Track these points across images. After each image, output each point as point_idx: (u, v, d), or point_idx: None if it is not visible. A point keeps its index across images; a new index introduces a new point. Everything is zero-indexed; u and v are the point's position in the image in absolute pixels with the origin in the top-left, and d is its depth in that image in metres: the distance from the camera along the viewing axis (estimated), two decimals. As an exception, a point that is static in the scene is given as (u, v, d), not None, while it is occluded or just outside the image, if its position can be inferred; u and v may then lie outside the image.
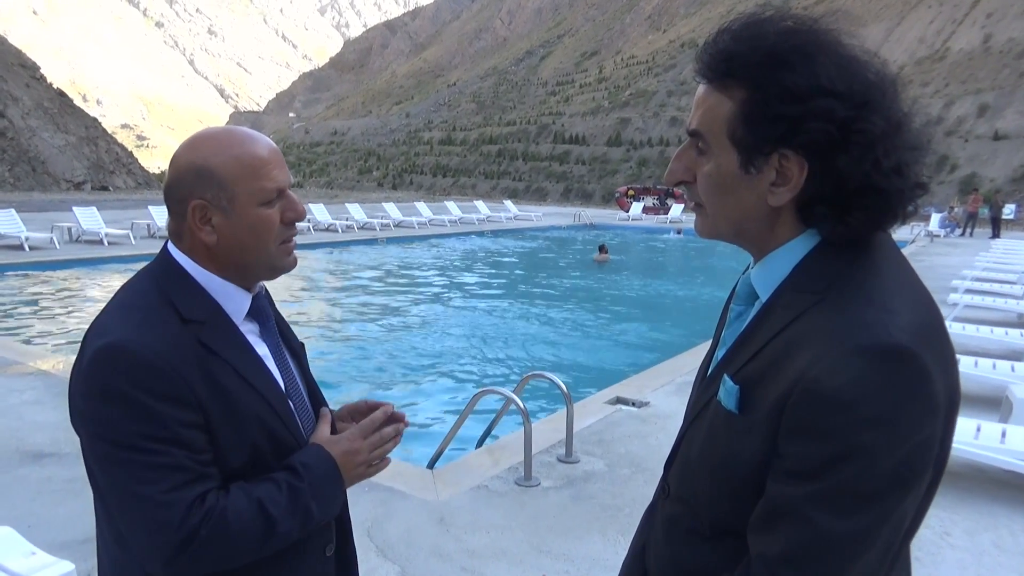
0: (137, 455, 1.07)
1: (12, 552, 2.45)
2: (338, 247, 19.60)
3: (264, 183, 1.17)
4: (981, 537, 3.66)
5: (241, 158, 1.16)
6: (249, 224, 1.18)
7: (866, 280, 0.90)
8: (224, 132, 1.21)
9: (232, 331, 1.21)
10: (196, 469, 1.10)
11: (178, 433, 1.08)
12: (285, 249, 1.24)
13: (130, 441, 1.07)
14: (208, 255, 1.21)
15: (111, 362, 1.08)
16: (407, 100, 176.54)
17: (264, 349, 1.27)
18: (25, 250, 14.79)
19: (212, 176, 1.16)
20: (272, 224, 1.20)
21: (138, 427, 1.07)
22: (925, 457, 0.84)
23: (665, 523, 1.10)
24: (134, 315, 1.15)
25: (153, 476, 1.07)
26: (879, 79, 0.90)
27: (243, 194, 1.16)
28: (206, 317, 1.18)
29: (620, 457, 4.58)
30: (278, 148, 1.24)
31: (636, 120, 79.05)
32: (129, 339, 1.10)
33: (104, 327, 1.13)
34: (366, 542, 3.42)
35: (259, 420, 1.18)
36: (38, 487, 3.92)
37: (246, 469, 1.17)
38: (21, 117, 40.93)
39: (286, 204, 1.22)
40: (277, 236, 1.21)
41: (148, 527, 1.07)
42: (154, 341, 1.11)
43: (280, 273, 1.28)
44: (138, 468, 1.07)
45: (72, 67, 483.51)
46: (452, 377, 8.16)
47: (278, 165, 1.20)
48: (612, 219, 33.09)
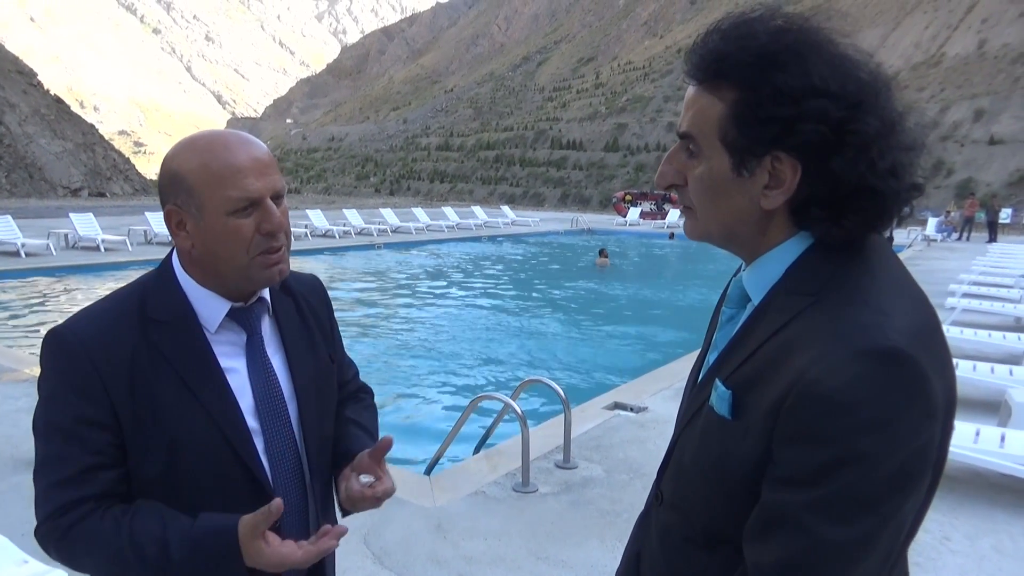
0: (40, 441, 1.12)
1: (5, 561, 2.44)
2: (335, 253, 19.58)
3: (230, 192, 1.11)
4: (981, 542, 3.65)
5: (210, 165, 1.11)
6: (218, 233, 1.14)
7: (861, 282, 0.89)
8: (207, 137, 1.16)
9: (194, 337, 1.17)
10: (80, 468, 1.09)
11: (74, 428, 1.09)
12: (263, 261, 1.17)
13: (38, 425, 1.13)
14: (189, 259, 1.20)
15: (45, 346, 1.14)
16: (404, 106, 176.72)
17: (238, 362, 1.21)
18: (21, 257, 14.77)
19: (183, 182, 1.14)
20: (242, 234, 1.14)
21: (47, 413, 1.12)
22: (924, 461, 0.82)
23: (659, 531, 1.09)
24: (98, 306, 1.18)
25: (46, 468, 1.11)
26: (872, 79, 0.89)
27: (210, 202, 1.12)
28: (170, 318, 1.16)
29: (618, 463, 4.56)
30: (267, 154, 1.16)
31: (633, 126, 79.13)
32: (67, 326, 1.14)
33: (73, 314, 1.18)
34: (363, 549, 3.40)
35: (192, 432, 1.13)
36: (32, 495, 3.90)
37: (165, 479, 1.13)
38: (18, 123, 40.92)
39: (262, 215, 1.14)
40: (253, 247, 1.15)
41: (35, 509, 1.13)
42: (88, 330, 1.13)
43: (259, 286, 1.22)
44: (40, 455, 1.12)
45: (69, 73, 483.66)
46: (449, 383, 8.14)
47: (256, 173, 1.13)
48: (610, 224, 33.12)
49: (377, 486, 1.27)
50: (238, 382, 1.20)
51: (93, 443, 1.09)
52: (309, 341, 1.34)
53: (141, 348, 1.13)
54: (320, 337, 1.38)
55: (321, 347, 1.37)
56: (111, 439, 1.10)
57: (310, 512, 1.32)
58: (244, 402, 1.20)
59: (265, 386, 1.23)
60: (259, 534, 1.06)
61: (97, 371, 1.09)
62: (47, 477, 1.10)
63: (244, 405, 1.19)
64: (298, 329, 1.33)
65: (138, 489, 1.14)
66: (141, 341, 1.13)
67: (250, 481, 1.19)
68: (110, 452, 1.10)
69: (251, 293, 1.24)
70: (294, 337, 1.31)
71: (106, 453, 1.10)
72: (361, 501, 1.27)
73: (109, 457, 1.10)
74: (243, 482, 1.18)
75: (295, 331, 1.32)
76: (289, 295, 1.34)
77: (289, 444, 1.26)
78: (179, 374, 1.13)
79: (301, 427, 1.28)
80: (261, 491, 1.19)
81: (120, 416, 1.10)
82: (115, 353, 1.11)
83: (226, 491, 1.17)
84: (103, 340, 1.11)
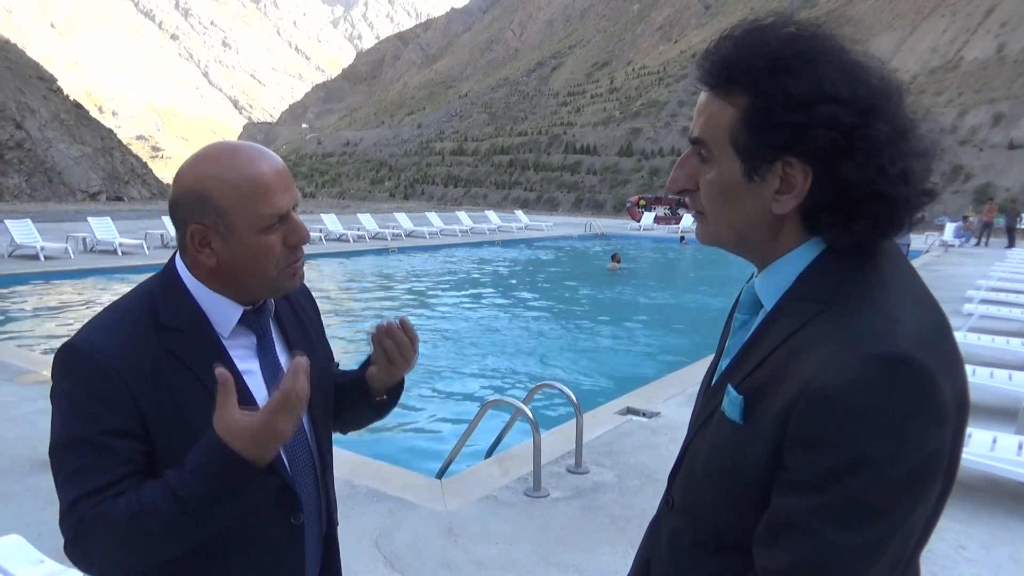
0: (66, 456, 1.08)
1: (21, 560, 2.46)
2: (350, 257, 19.68)
3: (263, 210, 1.12)
4: (998, 551, 3.60)
5: (240, 186, 1.12)
6: (248, 251, 1.15)
7: (872, 288, 0.89)
8: (227, 153, 1.15)
9: (210, 342, 1.18)
10: (113, 478, 1.06)
11: (105, 440, 1.07)
12: (289, 272, 1.20)
13: (63, 440, 1.09)
14: (209, 274, 1.19)
15: (62, 362, 1.12)
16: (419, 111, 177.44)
17: (252, 364, 1.23)
18: (41, 260, 14.95)
19: (210, 202, 1.12)
20: (273, 250, 1.16)
21: (71, 427, 1.08)
22: (934, 467, 0.82)
23: (669, 536, 1.09)
24: (107, 317, 1.17)
25: (76, 480, 1.07)
26: (884, 85, 0.89)
27: (241, 222, 1.13)
28: (184, 326, 1.17)
29: (630, 468, 4.55)
30: (284, 167, 1.18)
31: (647, 130, 78.98)
32: (84, 339, 1.12)
33: (81, 328, 1.16)
34: (374, 552, 3.40)
35: None
36: (49, 496, 3.92)
37: None
38: (38, 128, 41.46)
39: (289, 228, 1.17)
40: (280, 261, 1.18)
41: (64, 524, 1.08)
42: (107, 342, 1.11)
43: (282, 293, 1.25)
44: (67, 470, 1.08)
45: (89, 79, 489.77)
46: (461, 387, 8.15)
47: (281, 188, 1.15)
48: (624, 229, 33.06)
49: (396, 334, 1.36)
50: (254, 383, 1.22)
51: (124, 453, 1.09)
52: (309, 342, 1.37)
53: (160, 356, 1.13)
54: (316, 338, 1.42)
55: (319, 348, 1.41)
56: (141, 447, 1.10)
57: (322, 505, 1.35)
58: (261, 402, 1.21)
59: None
60: (224, 404, 1.01)
61: (123, 381, 1.09)
62: (77, 489, 1.07)
63: (261, 405, 1.21)
64: (298, 331, 1.36)
65: None
66: (159, 349, 1.13)
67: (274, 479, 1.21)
68: (140, 461, 1.11)
69: (259, 298, 1.27)
70: (297, 338, 1.34)
71: (137, 462, 1.10)
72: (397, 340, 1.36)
73: (140, 466, 1.10)
74: None
75: (296, 333, 1.35)
76: (285, 298, 1.37)
77: (302, 441, 1.29)
78: (200, 379, 1.14)
79: (312, 424, 1.31)
80: (286, 488, 1.22)
81: (148, 424, 1.10)
82: (137, 363, 1.11)
83: None
84: (124, 350, 1.11)
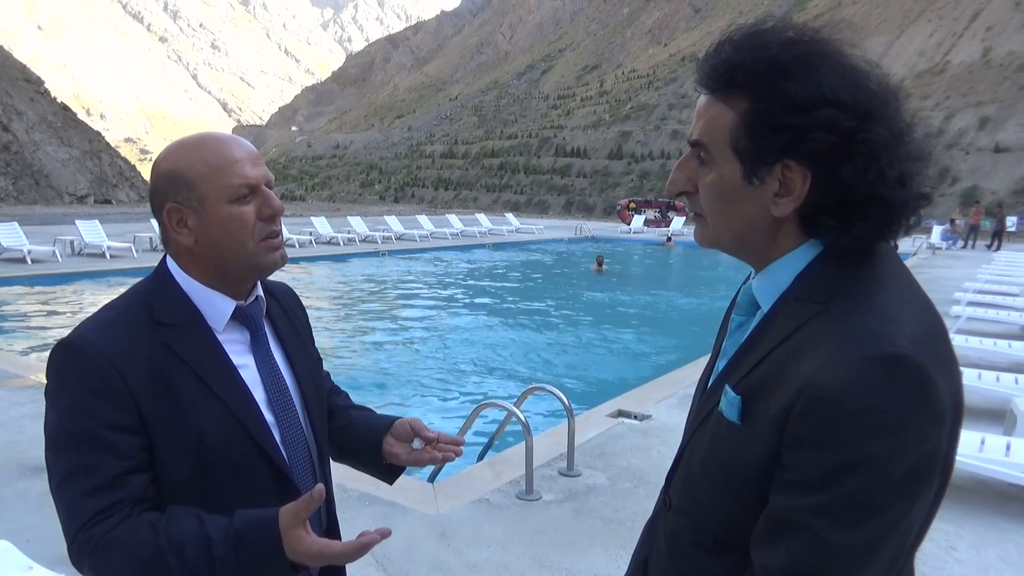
0: (63, 453, 1.09)
1: (10, 566, 2.43)
2: (340, 260, 19.62)
3: (231, 180, 1.17)
4: (987, 551, 3.63)
5: (206, 158, 1.17)
6: (221, 222, 1.18)
7: (869, 289, 0.90)
8: (196, 137, 1.22)
9: (205, 336, 1.20)
10: (114, 474, 1.07)
11: (105, 435, 1.08)
12: (267, 246, 1.22)
13: (60, 438, 1.09)
14: (191, 258, 1.21)
15: (58, 358, 1.12)
16: (409, 114, 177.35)
17: (247, 359, 1.25)
18: (28, 263, 14.81)
19: (181, 178, 1.17)
20: (245, 221, 1.18)
21: (68, 423, 1.09)
22: (931, 466, 0.83)
23: (667, 536, 1.09)
24: (103, 315, 1.18)
25: (75, 478, 1.07)
26: (881, 89, 0.90)
27: (211, 192, 1.16)
28: (179, 321, 1.18)
29: (622, 470, 4.55)
30: (254, 149, 1.24)
31: (637, 133, 79.32)
32: (80, 336, 1.13)
33: (77, 326, 1.17)
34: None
35: (216, 429, 1.15)
36: (37, 501, 3.90)
37: (193, 479, 1.14)
38: (25, 131, 41.15)
39: (262, 201, 1.20)
40: (256, 233, 1.20)
41: (63, 524, 1.09)
42: (103, 338, 1.12)
43: (265, 272, 1.26)
44: (62, 467, 1.09)
45: (76, 81, 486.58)
46: (453, 390, 8.14)
47: (249, 162, 1.19)
48: (614, 232, 33.13)
49: (442, 437, 1.48)
50: (250, 378, 1.23)
51: (124, 448, 1.09)
52: (300, 339, 1.39)
53: (157, 351, 1.14)
54: (308, 340, 1.44)
55: (311, 348, 1.43)
56: (141, 443, 1.11)
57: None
58: (257, 397, 1.23)
59: (274, 381, 1.27)
60: (300, 522, 1.03)
61: (122, 377, 1.10)
62: (78, 487, 1.07)
63: (258, 400, 1.23)
64: (289, 328, 1.38)
65: (166, 493, 1.14)
66: (156, 345, 1.14)
67: (275, 474, 1.22)
68: (141, 456, 1.11)
69: (251, 289, 1.28)
70: (289, 335, 1.36)
71: (137, 457, 1.10)
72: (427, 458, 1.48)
73: (140, 461, 1.11)
74: (268, 476, 1.21)
75: (288, 330, 1.37)
76: (276, 302, 1.39)
77: (300, 436, 1.30)
78: (197, 374, 1.15)
79: (308, 419, 1.33)
80: (286, 482, 1.22)
81: (147, 419, 1.11)
82: (135, 358, 1.12)
83: (253, 486, 1.19)
84: (122, 346, 1.12)
